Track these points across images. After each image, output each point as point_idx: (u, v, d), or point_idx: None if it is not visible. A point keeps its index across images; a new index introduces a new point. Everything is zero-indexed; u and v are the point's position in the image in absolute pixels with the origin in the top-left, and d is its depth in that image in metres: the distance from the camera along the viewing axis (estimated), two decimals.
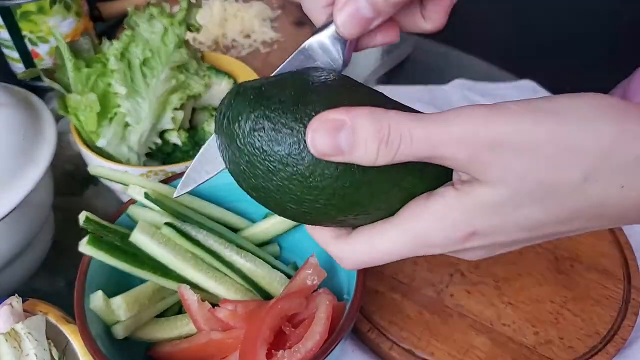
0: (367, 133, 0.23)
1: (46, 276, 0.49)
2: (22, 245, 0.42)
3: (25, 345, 0.34)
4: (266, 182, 0.26)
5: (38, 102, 0.48)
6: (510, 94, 0.69)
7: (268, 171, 0.25)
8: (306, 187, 0.25)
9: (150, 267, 0.38)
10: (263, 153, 0.25)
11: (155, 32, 0.48)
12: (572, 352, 0.41)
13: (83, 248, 0.36)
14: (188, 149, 0.52)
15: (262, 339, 0.33)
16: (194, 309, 0.37)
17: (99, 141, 0.48)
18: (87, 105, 0.47)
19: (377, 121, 0.23)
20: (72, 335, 0.36)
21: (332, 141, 0.23)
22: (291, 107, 0.25)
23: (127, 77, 0.48)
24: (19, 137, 0.42)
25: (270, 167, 0.25)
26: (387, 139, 0.23)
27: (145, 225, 0.38)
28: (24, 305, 0.37)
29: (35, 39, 0.63)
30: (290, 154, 0.24)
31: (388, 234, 0.27)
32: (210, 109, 0.57)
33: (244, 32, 0.76)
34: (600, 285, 0.45)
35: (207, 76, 0.54)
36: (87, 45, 0.50)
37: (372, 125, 0.23)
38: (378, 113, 0.23)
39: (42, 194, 0.44)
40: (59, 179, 0.52)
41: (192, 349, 0.37)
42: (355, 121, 0.23)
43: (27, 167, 0.41)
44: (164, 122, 0.50)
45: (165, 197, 0.41)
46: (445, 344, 0.41)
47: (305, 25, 0.78)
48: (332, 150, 0.23)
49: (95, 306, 0.36)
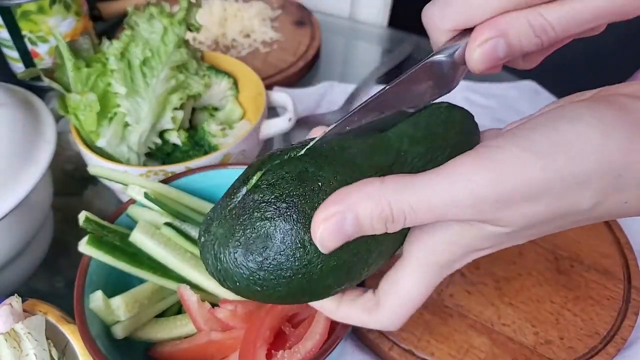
0: (371, 217, 0.23)
1: (46, 276, 0.49)
2: (21, 245, 0.42)
3: (24, 345, 0.34)
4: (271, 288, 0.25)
5: (38, 102, 0.48)
6: (511, 95, 0.69)
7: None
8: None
9: (149, 267, 0.38)
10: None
11: (155, 31, 0.48)
12: (572, 352, 0.41)
13: (83, 248, 0.36)
14: (188, 148, 0.52)
15: (261, 339, 0.33)
16: (194, 309, 0.37)
17: (99, 141, 0.48)
18: (87, 105, 0.47)
19: (376, 203, 0.23)
20: (71, 336, 0.36)
21: (341, 236, 0.23)
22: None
23: (127, 76, 0.48)
24: (19, 136, 0.42)
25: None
26: (392, 218, 0.23)
27: (145, 225, 0.38)
28: (24, 305, 0.37)
29: (35, 38, 0.63)
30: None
31: (410, 280, 0.27)
32: (211, 108, 0.57)
33: (243, 31, 0.76)
34: (600, 286, 0.45)
35: (207, 76, 0.54)
36: (86, 45, 0.50)
37: (373, 209, 0.23)
38: (373, 194, 0.23)
39: (41, 194, 0.44)
40: (58, 179, 0.52)
41: (192, 349, 0.37)
42: (354, 209, 0.23)
43: (27, 166, 0.41)
44: (163, 122, 0.50)
45: (165, 197, 0.41)
46: (445, 344, 0.41)
47: (305, 25, 0.78)
48: (344, 241, 0.23)
49: (94, 306, 0.36)
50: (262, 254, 0.23)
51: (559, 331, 0.42)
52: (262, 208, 0.23)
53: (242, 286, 0.24)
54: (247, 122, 0.57)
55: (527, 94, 0.69)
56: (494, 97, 0.68)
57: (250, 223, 0.23)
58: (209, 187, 0.44)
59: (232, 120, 0.57)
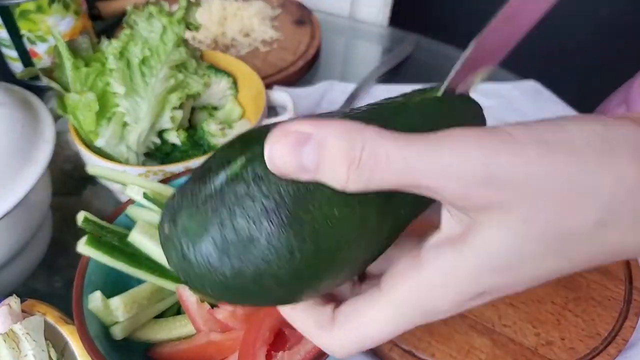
0: (335, 151, 0.19)
1: (44, 276, 0.49)
2: (20, 245, 0.42)
3: (23, 346, 0.34)
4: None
5: (36, 102, 0.48)
6: (513, 95, 0.69)
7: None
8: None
9: (148, 267, 0.38)
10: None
11: (154, 31, 0.48)
12: (573, 353, 0.40)
13: (81, 248, 0.36)
14: (187, 148, 0.52)
15: (261, 340, 0.33)
16: (193, 310, 0.36)
17: (98, 141, 0.48)
18: (86, 104, 0.46)
19: (349, 139, 0.19)
20: (70, 336, 0.36)
21: (293, 157, 0.19)
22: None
23: (126, 76, 0.47)
24: (17, 136, 0.42)
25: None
26: (359, 161, 0.19)
27: (143, 226, 0.38)
28: (22, 306, 0.37)
29: (34, 38, 0.63)
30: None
31: (379, 315, 0.22)
32: (210, 108, 0.57)
33: (243, 31, 0.76)
34: (601, 286, 0.45)
35: (206, 75, 0.54)
36: (85, 44, 0.50)
37: (342, 143, 0.19)
38: (352, 129, 0.19)
39: (40, 194, 0.44)
40: (57, 179, 0.52)
41: (191, 350, 0.37)
42: (322, 136, 0.19)
43: (26, 166, 0.41)
44: (162, 122, 0.50)
45: (164, 197, 0.41)
46: (445, 345, 0.41)
47: (305, 24, 0.78)
48: (294, 167, 0.20)
49: (93, 307, 0.35)
50: (241, 259, 0.20)
51: (560, 332, 0.42)
52: (246, 205, 0.20)
53: (209, 290, 0.21)
54: (246, 122, 0.57)
55: (529, 94, 0.69)
56: (496, 97, 0.68)
57: (230, 221, 0.20)
58: None
59: (231, 120, 0.57)
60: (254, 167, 0.20)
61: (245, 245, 0.20)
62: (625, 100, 0.68)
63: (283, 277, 0.20)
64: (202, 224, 0.20)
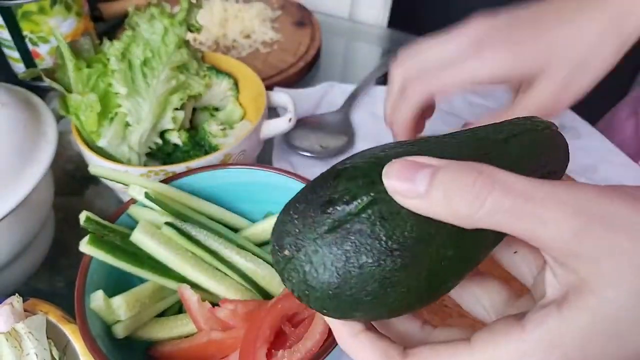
0: (450, 176, 0.19)
1: (47, 276, 0.49)
2: (22, 245, 0.43)
3: (25, 344, 0.34)
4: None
5: (39, 102, 0.48)
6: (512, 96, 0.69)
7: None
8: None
9: (150, 266, 0.38)
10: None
11: (156, 32, 0.48)
12: None
13: (83, 248, 0.36)
14: (188, 149, 0.52)
15: (262, 339, 0.33)
16: (194, 309, 0.37)
17: (100, 141, 0.48)
18: (88, 105, 0.47)
19: (466, 167, 0.19)
20: (72, 335, 0.36)
21: (407, 175, 0.20)
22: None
23: (128, 77, 0.48)
24: (20, 137, 0.42)
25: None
26: (474, 184, 0.19)
27: (145, 225, 0.38)
28: (25, 305, 0.37)
29: (36, 39, 0.64)
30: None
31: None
32: (211, 109, 0.57)
33: (244, 32, 0.76)
34: None
35: (207, 76, 0.54)
36: (87, 46, 0.50)
37: (457, 171, 0.19)
38: (471, 163, 0.19)
39: (42, 194, 0.44)
40: (59, 179, 0.52)
41: (193, 349, 0.37)
42: (440, 167, 0.20)
43: (28, 167, 0.41)
44: (164, 122, 0.50)
45: (166, 196, 0.41)
46: None
47: (305, 25, 0.78)
48: (405, 187, 0.20)
49: (95, 306, 0.36)
50: (363, 291, 0.21)
51: None
52: (370, 244, 0.21)
53: (324, 311, 0.23)
54: (247, 123, 0.57)
55: None
56: (494, 97, 0.68)
57: (354, 256, 0.21)
58: (210, 187, 0.45)
59: (232, 121, 0.57)
60: (380, 208, 0.21)
61: (366, 280, 0.21)
62: (635, 113, 0.68)
63: (393, 305, 0.22)
64: (328, 256, 0.21)
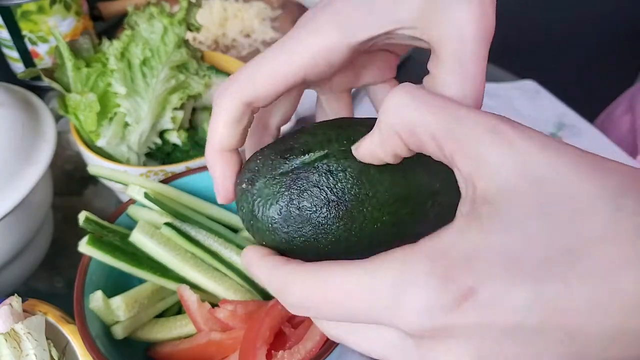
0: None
1: (45, 276, 0.49)
2: (21, 245, 0.42)
3: (24, 345, 0.34)
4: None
5: (38, 102, 0.48)
6: (512, 95, 0.69)
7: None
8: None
9: (149, 267, 0.38)
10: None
11: (155, 31, 0.48)
12: None
13: (82, 248, 0.36)
14: (188, 148, 0.52)
15: (261, 340, 0.33)
16: (194, 309, 0.37)
17: (99, 141, 0.48)
18: (87, 104, 0.47)
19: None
20: (71, 336, 0.36)
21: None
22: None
23: (127, 76, 0.48)
24: (19, 136, 0.42)
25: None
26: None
27: (144, 225, 0.38)
28: (24, 306, 0.37)
29: (35, 38, 0.63)
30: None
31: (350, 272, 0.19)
32: (211, 108, 0.57)
33: (244, 31, 0.76)
34: None
35: (207, 76, 0.54)
36: (86, 45, 0.50)
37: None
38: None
39: (41, 194, 0.44)
40: (58, 179, 0.52)
41: (192, 350, 0.37)
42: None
43: (27, 166, 0.41)
44: (163, 122, 0.50)
45: (165, 196, 0.41)
46: None
47: None
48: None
49: (94, 306, 0.36)
50: (296, 230, 0.24)
51: None
52: (313, 191, 0.24)
53: (263, 242, 0.25)
54: None
55: (527, 94, 0.69)
56: (495, 97, 0.68)
57: (297, 200, 0.24)
58: (209, 187, 0.44)
59: None
60: (328, 162, 0.24)
61: (302, 222, 0.24)
62: (631, 109, 0.68)
63: (322, 252, 0.25)
64: (274, 194, 0.24)
